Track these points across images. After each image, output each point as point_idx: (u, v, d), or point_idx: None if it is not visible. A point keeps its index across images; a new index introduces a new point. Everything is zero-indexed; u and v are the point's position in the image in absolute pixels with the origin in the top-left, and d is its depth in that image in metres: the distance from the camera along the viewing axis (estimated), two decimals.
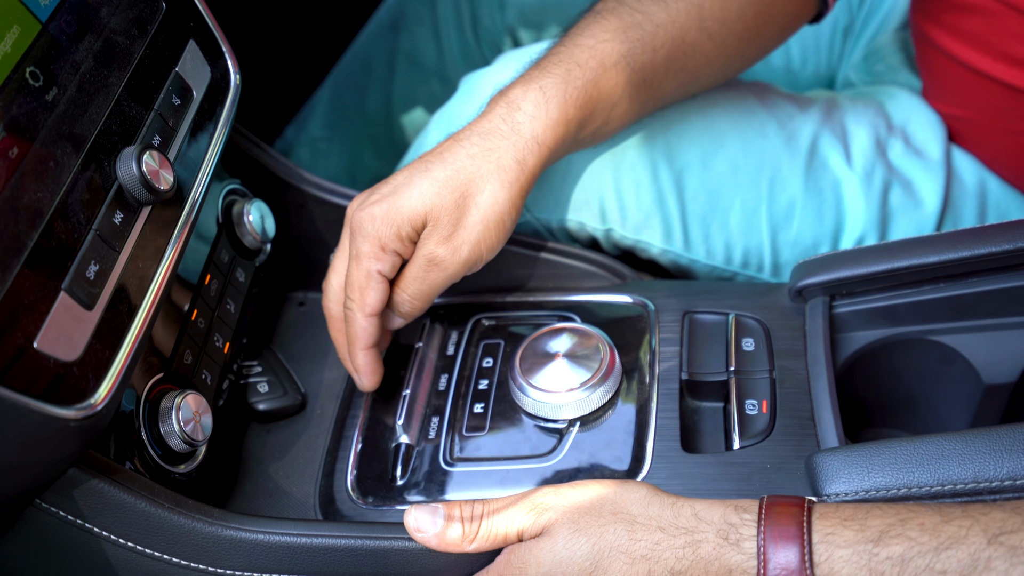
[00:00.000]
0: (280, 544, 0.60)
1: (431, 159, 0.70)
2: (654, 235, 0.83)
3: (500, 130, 0.70)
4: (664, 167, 0.82)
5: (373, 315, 0.71)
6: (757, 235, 0.83)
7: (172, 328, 0.68)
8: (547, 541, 0.58)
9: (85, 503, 0.57)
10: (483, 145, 0.70)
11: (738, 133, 0.83)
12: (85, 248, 0.55)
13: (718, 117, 0.83)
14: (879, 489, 0.59)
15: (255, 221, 0.78)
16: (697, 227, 0.83)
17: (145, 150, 0.59)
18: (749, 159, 0.82)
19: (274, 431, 0.77)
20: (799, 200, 0.83)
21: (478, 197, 0.69)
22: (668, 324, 0.76)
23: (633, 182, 0.82)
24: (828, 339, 0.70)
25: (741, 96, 0.85)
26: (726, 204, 0.82)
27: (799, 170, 0.82)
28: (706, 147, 0.82)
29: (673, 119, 0.82)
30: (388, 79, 1.22)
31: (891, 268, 0.70)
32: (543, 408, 0.70)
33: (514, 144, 0.70)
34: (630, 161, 0.82)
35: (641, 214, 0.83)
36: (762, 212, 0.83)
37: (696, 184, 0.82)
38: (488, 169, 0.69)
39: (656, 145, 0.82)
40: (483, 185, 0.69)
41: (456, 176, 0.69)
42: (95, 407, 0.52)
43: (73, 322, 0.53)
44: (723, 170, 0.82)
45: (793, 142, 0.83)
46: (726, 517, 0.57)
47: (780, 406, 0.68)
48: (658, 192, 0.82)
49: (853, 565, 0.53)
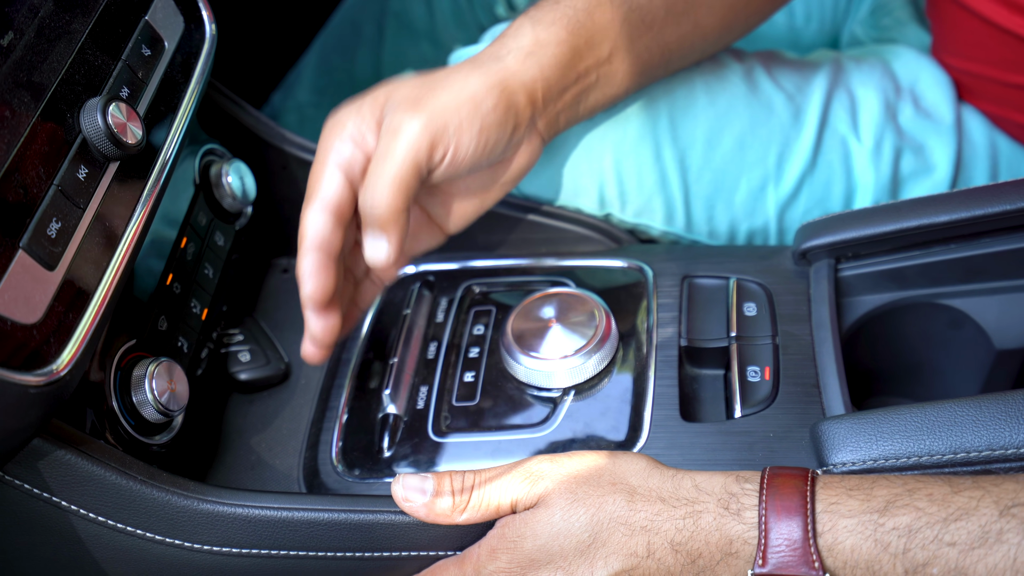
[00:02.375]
0: (260, 518, 0.58)
1: (433, 73, 0.66)
2: (655, 217, 0.80)
3: (484, 54, 0.67)
4: (668, 146, 0.78)
5: (328, 202, 0.62)
6: (763, 214, 0.80)
7: (146, 292, 0.64)
8: (543, 512, 0.55)
9: (51, 476, 0.54)
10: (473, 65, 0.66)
11: (745, 108, 0.79)
12: (45, 204, 0.51)
13: (724, 92, 0.79)
14: (888, 458, 0.56)
15: (234, 182, 0.75)
16: (701, 208, 0.80)
17: (111, 101, 0.56)
18: (756, 136, 0.79)
19: (256, 402, 0.74)
20: (807, 175, 0.79)
21: (448, 78, 0.64)
22: (666, 289, 0.73)
23: (635, 165, 0.78)
24: (834, 303, 0.67)
25: (747, 70, 0.81)
26: (731, 183, 0.79)
27: (808, 144, 0.79)
28: (712, 124, 0.78)
29: (678, 95, 0.79)
30: (377, 42, 1.18)
31: (899, 228, 0.67)
32: (536, 376, 0.67)
33: (495, 53, 0.66)
34: (632, 142, 0.78)
35: (642, 198, 0.79)
36: (769, 190, 0.79)
37: (700, 163, 0.78)
38: (462, 67, 0.65)
39: (660, 124, 0.78)
40: (454, 71, 0.65)
41: (437, 79, 0.65)
42: (57, 373, 0.49)
43: (32, 282, 0.49)
44: (729, 148, 0.78)
45: (801, 116, 0.80)
46: (727, 487, 0.54)
47: (784, 373, 0.65)
48: (661, 174, 0.78)
49: (858, 535, 0.50)
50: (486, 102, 0.64)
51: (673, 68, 0.77)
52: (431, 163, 0.63)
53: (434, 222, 0.71)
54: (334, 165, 0.63)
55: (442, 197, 0.70)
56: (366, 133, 0.64)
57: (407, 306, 0.76)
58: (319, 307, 0.64)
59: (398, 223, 0.63)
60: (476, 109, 0.63)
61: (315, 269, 0.63)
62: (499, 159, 0.68)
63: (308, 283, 0.63)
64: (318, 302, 0.64)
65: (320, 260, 0.63)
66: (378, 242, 0.63)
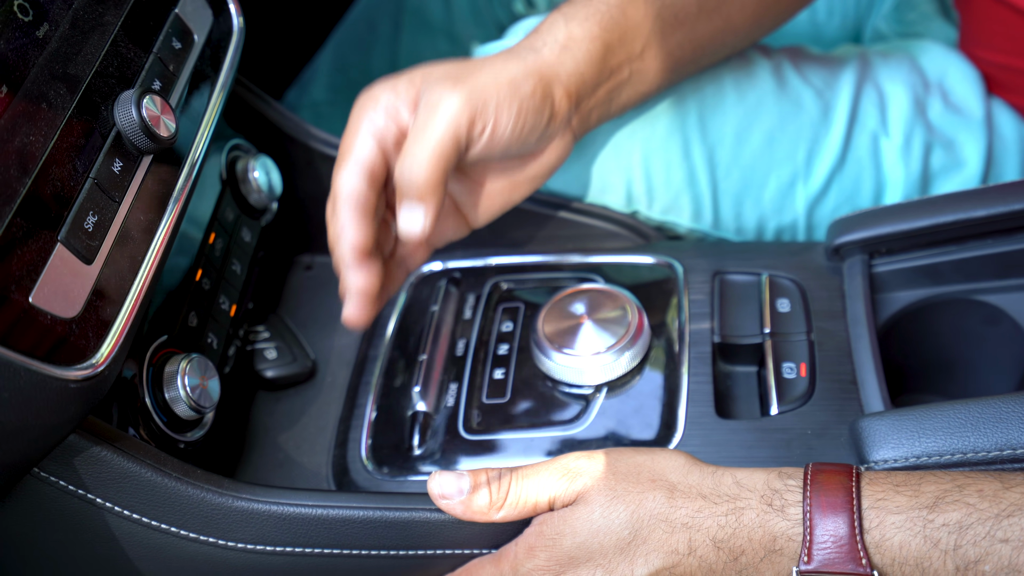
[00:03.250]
0: (294, 515, 0.57)
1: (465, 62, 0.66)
2: (682, 215, 0.79)
3: (519, 46, 0.67)
4: (697, 143, 0.77)
5: (362, 163, 0.62)
6: (791, 211, 0.79)
7: (176, 288, 0.64)
8: (582, 509, 0.54)
9: (87, 472, 0.53)
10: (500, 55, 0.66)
11: (774, 104, 0.78)
12: (82, 197, 0.51)
13: (753, 89, 0.79)
14: (932, 455, 0.55)
15: (260, 178, 0.74)
16: (729, 205, 0.79)
17: (145, 94, 0.55)
18: (785, 132, 0.78)
19: (283, 399, 0.73)
20: (836, 172, 0.79)
21: (485, 62, 0.64)
22: (697, 285, 0.72)
23: (663, 162, 0.77)
24: (869, 298, 0.66)
25: (776, 64, 0.80)
26: (760, 180, 0.78)
27: (837, 141, 0.79)
28: (741, 121, 0.78)
29: (706, 91, 0.78)
30: (394, 39, 1.17)
31: (934, 224, 0.66)
32: (568, 373, 0.67)
33: (530, 45, 0.66)
34: (660, 139, 0.77)
35: (670, 195, 0.78)
36: (798, 187, 0.79)
37: (729, 160, 0.78)
38: (498, 56, 0.65)
39: (689, 120, 0.77)
40: (490, 58, 0.65)
41: (472, 63, 0.65)
42: (96, 368, 0.49)
43: (71, 276, 0.49)
44: (758, 144, 0.78)
45: (830, 112, 0.79)
46: (769, 483, 0.53)
47: (820, 369, 0.65)
48: (689, 170, 0.78)
49: (906, 532, 0.50)
50: (524, 86, 0.64)
51: (704, 64, 0.76)
52: (470, 137, 0.63)
53: (460, 212, 0.71)
54: (367, 132, 0.63)
55: (471, 186, 0.70)
56: (400, 108, 0.64)
57: (434, 303, 0.75)
58: (361, 257, 0.63)
59: (436, 194, 0.62)
60: (515, 91, 0.63)
61: (352, 219, 0.62)
62: (532, 149, 0.68)
63: (347, 232, 0.62)
64: (359, 250, 0.62)
65: (357, 212, 0.62)
66: (414, 212, 0.62)
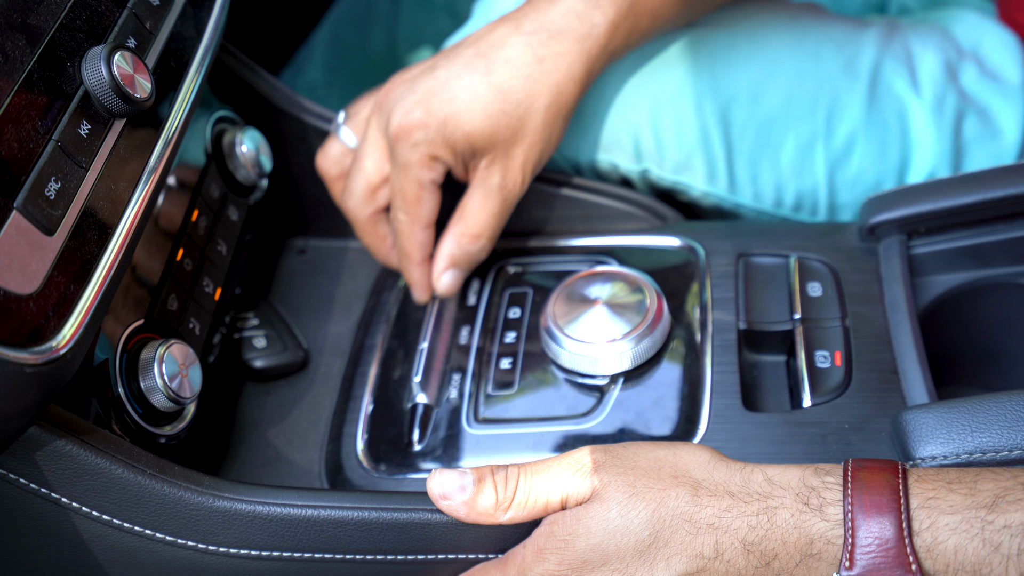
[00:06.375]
0: (282, 517, 0.52)
1: (489, 53, 0.63)
2: (695, 176, 0.74)
3: (573, 29, 0.63)
4: (709, 99, 0.73)
5: (430, 226, 0.66)
6: (812, 174, 0.74)
7: (154, 268, 0.59)
8: (598, 507, 0.49)
9: (50, 469, 0.48)
10: (553, 48, 0.63)
11: (791, 58, 0.73)
12: (43, 161, 0.46)
13: (768, 41, 0.74)
14: (985, 451, 0.50)
15: (248, 152, 0.69)
16: (744, 167, 0.74)
17: (116, 50, 0.50)
18: (804, 88, 0.73)
19: (273, 391, 0.69)
20: (860, 133, 0.74)
21: (542, 113, 0.64)
22: (720, 268, 0.67)
23: (673, 117, 0.73)
24: (908, 281, 0.61)
25: (793, 17, 0.75)
26: (777, 140, 0.74)
27: (860, 98, 0.73)
28: (755, 76, 0.73)
29: (719, 45, 0.73)
30: (393, 16, 1.13)
31: (980, 200, 0.61)
32: (581, 362, 0.62)
33: (587, 50, 0.64)
34: (670, 93, 0.73)
35: (681, 153, 0.74)
36: (818, 148, 0.74)
37: (744, 118, 0.73)
38: (556, 79, 0.63)
39: (700, 76, 0.73)
40: (548, 93, 0.64)
41: (522, 87, 0.63)
42: (57, 351, 0.44)
43: (29, 248, 0.44)
44: (775, 101, 0.73)
45: (852, 67, 0.74)
46: (805, 480, 0.48)
47: (856, 358, 0.60)
48: (701, 128, 0.73)
49: (962, 534, 0.45)
50: (569, 115, 0.66)
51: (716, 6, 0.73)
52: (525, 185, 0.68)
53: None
54: (431, 186, 0.66)
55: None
56: (458, 157, 0.65)
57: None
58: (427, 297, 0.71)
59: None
60: (560, 131, 0.67)
61: (427, 280, 0.69)
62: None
63: (424, 293, 0.70)
64: (427, 298, 0.71)
65: (428, 267, 0.69)
66: (457, 275, 0.69)
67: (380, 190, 0.68)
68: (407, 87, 0.64)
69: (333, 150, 0.70)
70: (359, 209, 0.68)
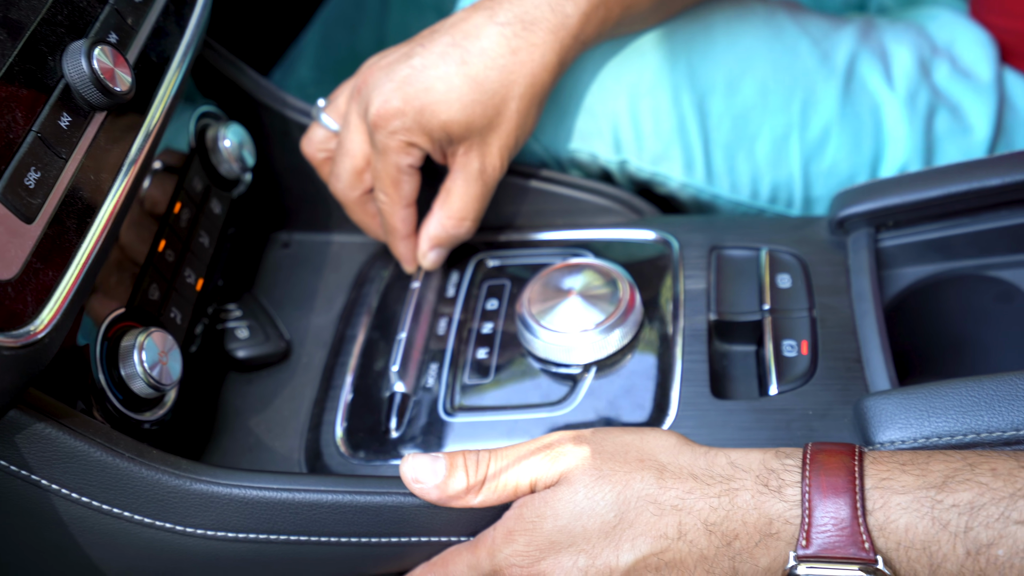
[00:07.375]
0: (257, 499, 0.53)
1: (464, 43, 0.65)
2: (673, 167, 0.76)
3: (546, 20, 0.65)
4: (686, 91, 0.74)
5: (411, 205, 0.69)
6: (787, 166, 0.76)
7: (136, 258, 0.60)
8: (565, 490, 0.50)
9: (30, 451, 0.50)
10: (527, 39, 0.65)
11: (767, 51, 0.75)
12: (23, 151, 0.47)
13: (745, 35, 0.75)
14: (942, 435, 0.51)
15: (232, 147, 0.70)
16: (721, 158, 0.75)
17: (96, 44, 0.51)
18: (779, 81, 0.74)
19: (255, 381, 0.70)
20: (834, 126, 0.75)
21: (516, 102, 0.65)
22: (693, 261, 0.68)
23: (651, 108, 0.74)
24: (875, 273, 0.63)
25: (770, 12, 0.77)
26: (753, 132, 0.75)
27: (835, 92, 0.75)
28: (732, 68, 0.74)
29: (696, 37, 0.74)
30: (382, 15, 1.13)
31: (946, 194, 0.62)
32: (555, 351, 0.63)
33: (560, 40, 0.65)
34: (648, 85, 0.74)
35: (659, 143, 0.75)
36: (793, 140, 0.75)
37: (721, 109, 0.74)
38: (530, 69, 0.65)
39: (677, 66, 0.74)
40: (522, 84, 0.65)
41: (496, 78, 0.64)
42: (35, 335, 0.45)
43: (8, 235, 0.45)
44: (750, 94, 0.74)
45: (828, 61, 0.75)
46: (766, 463, 0.50)
47: (823, 347, 0.61)
48: (679, 119, 0.74)
49: (913, 513, 0.46)
50: (542, 103, 0.68)
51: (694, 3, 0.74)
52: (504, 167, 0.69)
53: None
54: (410, 169, 0.68)
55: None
56: (435, 143, 0.67)
57: (415, 280, 0.72)
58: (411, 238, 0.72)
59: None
60: (534, 117, 0.68)
61: (413, 252, 0.72)
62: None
63: (412, 264, 0.73)
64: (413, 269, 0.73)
65: (414, 241, 0.71)
66: (442, 253, 0.71)
67: (366, 172, 0.70)
68: (384, 73, 0.65)
69: (316, 135, 0.72)
70: (347, 192, 0.70)
